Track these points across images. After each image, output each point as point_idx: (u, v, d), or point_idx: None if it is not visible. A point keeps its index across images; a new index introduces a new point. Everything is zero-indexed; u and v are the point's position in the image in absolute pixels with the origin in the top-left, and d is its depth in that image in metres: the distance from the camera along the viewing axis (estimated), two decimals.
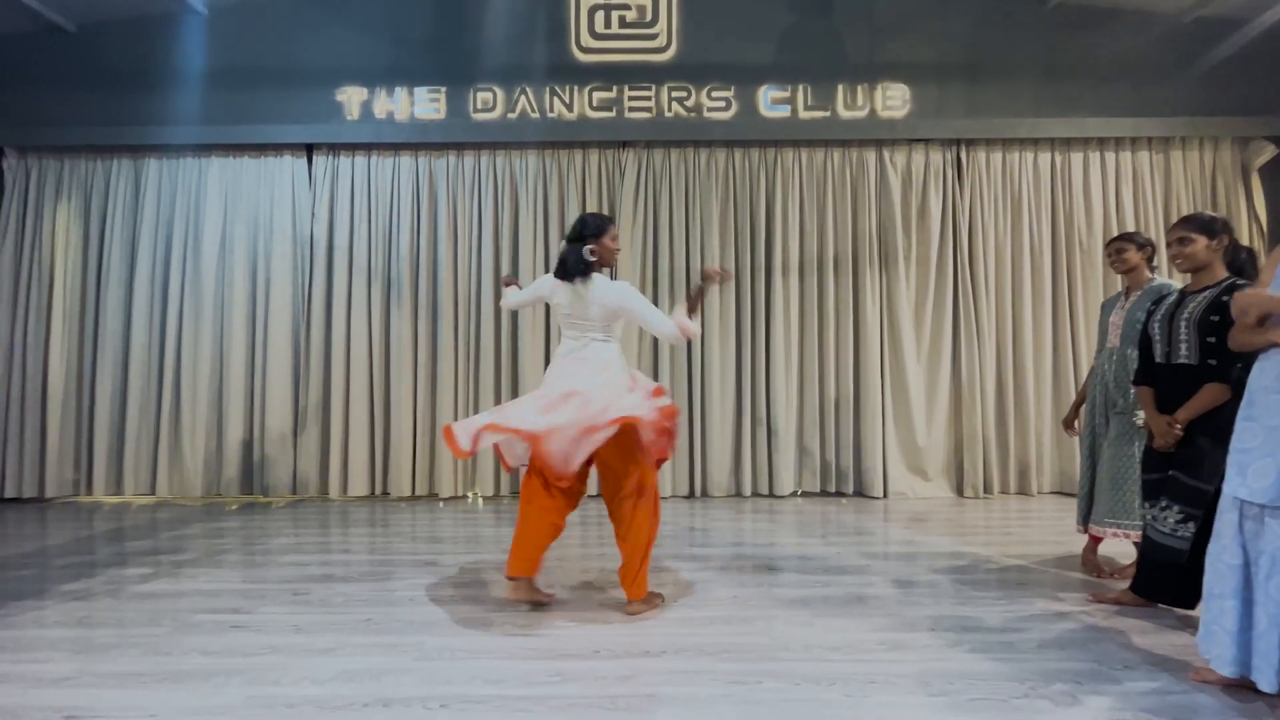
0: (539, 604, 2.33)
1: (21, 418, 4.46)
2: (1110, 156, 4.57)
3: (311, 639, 2.09)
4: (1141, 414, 2.43)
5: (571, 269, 2.30)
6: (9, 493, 4.43)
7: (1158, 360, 2.25)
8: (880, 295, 4.56)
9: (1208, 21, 4.51)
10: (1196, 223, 2.14)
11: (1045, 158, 4.59)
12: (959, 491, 4.50)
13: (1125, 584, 2.44)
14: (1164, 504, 2.14)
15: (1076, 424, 2.90)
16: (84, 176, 4.60)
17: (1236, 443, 1.62)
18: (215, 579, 2.75)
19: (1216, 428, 1.94)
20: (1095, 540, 2.76)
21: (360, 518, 3.99)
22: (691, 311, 2.31)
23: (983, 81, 4.59)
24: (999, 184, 4.59)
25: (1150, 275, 2.66)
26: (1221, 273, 2.13)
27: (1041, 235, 4.55)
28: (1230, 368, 1.99)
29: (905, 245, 4.56)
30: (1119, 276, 2.83)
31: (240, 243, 4.55)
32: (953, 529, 3.59)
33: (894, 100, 4.58)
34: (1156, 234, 4.42)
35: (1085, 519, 2.78)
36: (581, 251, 2.30)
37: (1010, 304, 4.55)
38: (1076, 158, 4.58)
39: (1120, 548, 2.77)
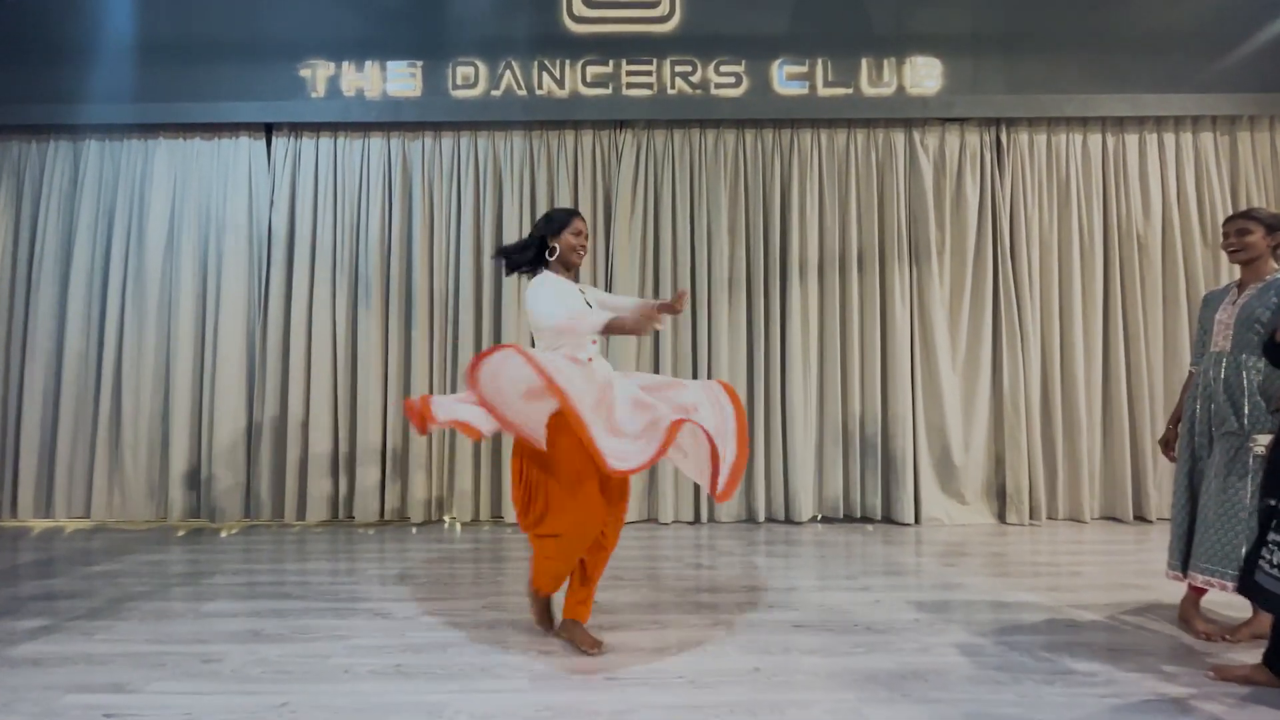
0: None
1: None
2: (1170, 138, 4.06)
3: None
4: (1263, 438, 1.94)
5: (509, 265, 2.15)
6: None
7: None
8: (910, 295, 4.04)
9: None
10: (1257, 216, 2.17)
11: (1096, 139, 4.07)
12: (1001, 518, 3.96)
13: (1245, 649, 1.92)
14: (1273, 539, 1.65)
15: (1176, 445, 2.38)
16: (15, 160, 4.10)
17: None
18: (113, 636, 2.23)
19: None
20: (1197, 592, 2.24)
21: (319, 549, 3.46)
22: (624, 330, 1.97)
23: (1025, 54, 4.08)
24: (1044, 168, 4.07)
25: (1277, 266, 2.15)
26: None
27: (1092, 226, 4.03)
28: None
29: (939, 238, 4.04)
30: (1232, 266, 2.32)
31: (189, 234, 4.04)
32: (1002, 566, 3.06)
33: (925, 75, 4.07)
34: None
35: (1183, 564, 2.26)
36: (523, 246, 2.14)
37: (1058, 304, 4.02)
38: (1132, 139, 4.06)
39: (1227, 598, 2.24)
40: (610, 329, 1.95)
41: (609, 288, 3.98)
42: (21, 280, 4.06)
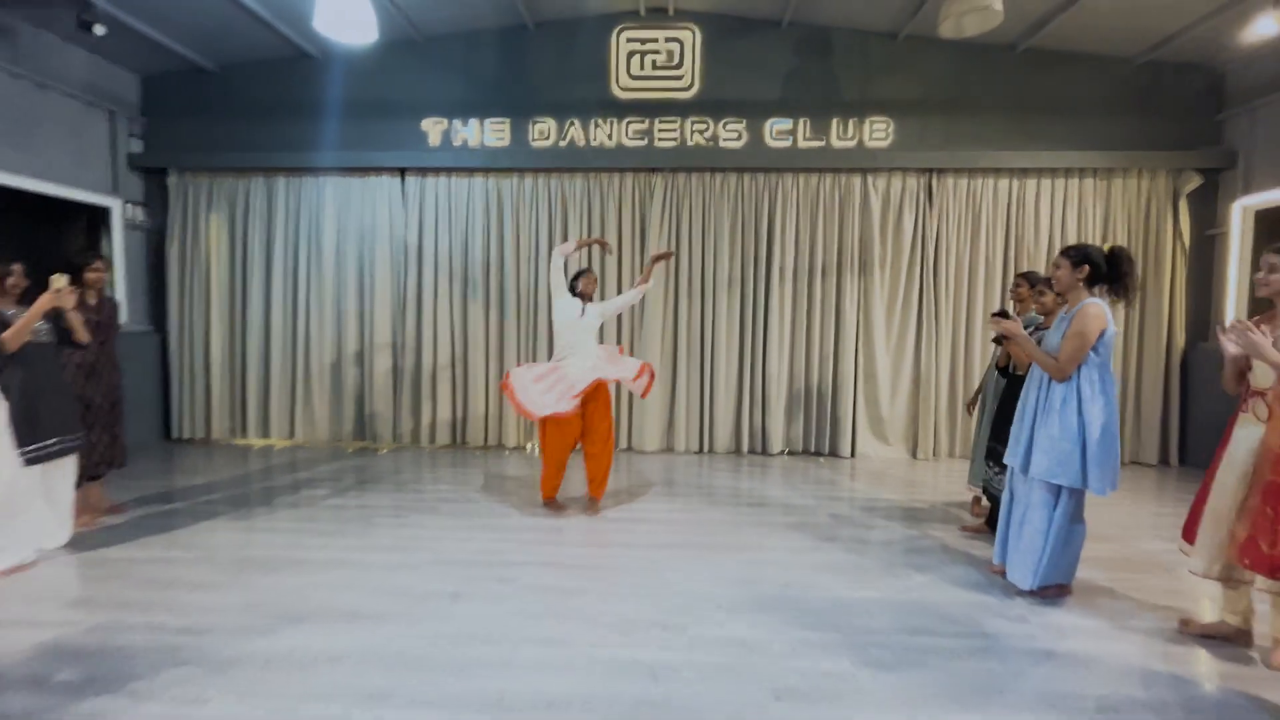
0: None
1: (190, 378, 5.91)
2: (1060, 184, 5.45)
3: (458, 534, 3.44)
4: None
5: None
6: (185, 434, 5.93)
7: None
8: (858, 296, 5.61)
9: (1155, 65, 5.28)
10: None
11: (1004, 184, 5.48)
12: (913, 454, 5.67)
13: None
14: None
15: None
16: (230, 192, 5.84)
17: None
18: (352, 502, 4.13)
19: None
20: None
21: (444, 460, 5.36)
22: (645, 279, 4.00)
23: (958, 116, 5.46)
24: (963, 206, 5.52)
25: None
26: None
27: (995, 251, 5.51)
28: None
29: (881, 256, 5.57)
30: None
31: (350, 245, 5.80)
32: (909, 484, 4.80)
33: (879, 132, 5.49)
34: None
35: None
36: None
37: (965, 307, 5.56)
38: (1031, 184, 5.47)
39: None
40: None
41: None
42: (238, 276, 5.89)
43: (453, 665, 2.15)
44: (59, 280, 2.99)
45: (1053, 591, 2.71)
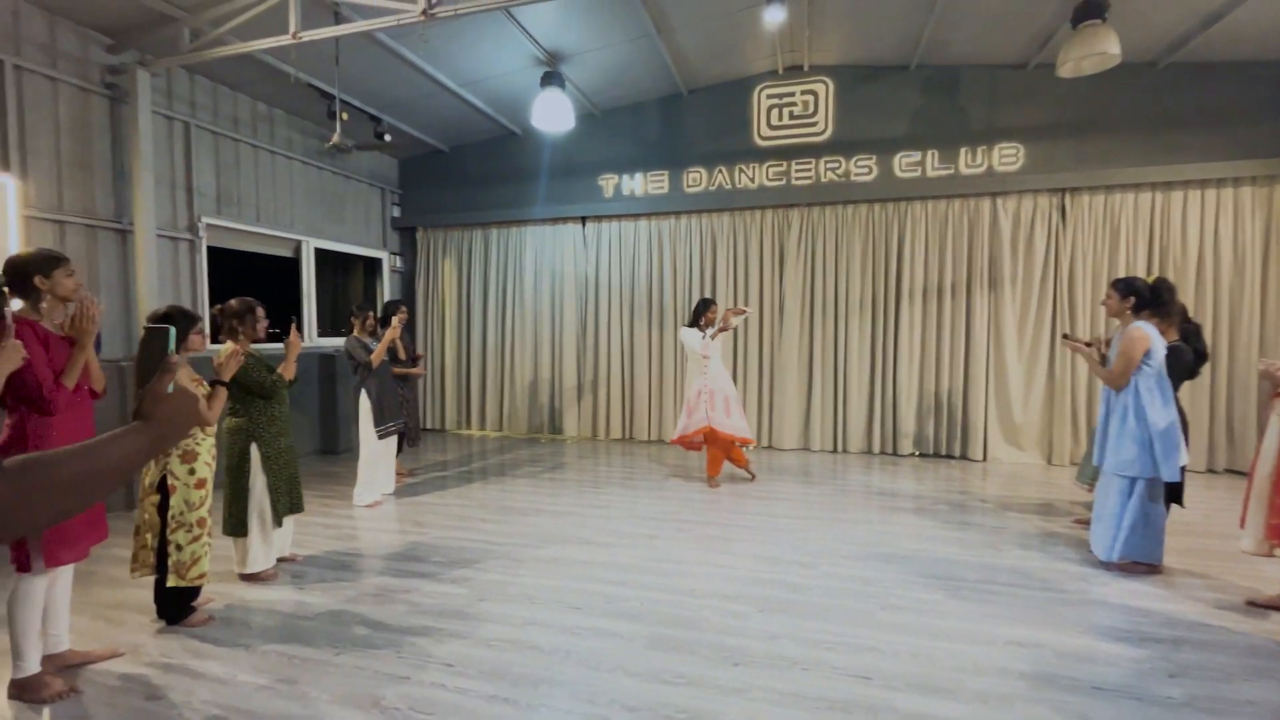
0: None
1: (430, 383, 7.84)
2: (1212, 195, 5.44)
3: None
4: None
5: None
6: (427, 425, 7.87)
7: None
8: (989, 311, 6.02)
9: None
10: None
11: (1146, 198, 5.60)
12: (1048, 460, 5.94)
13: None
14: None
15: None
16: (457, 242, 7.70)
17: None
18: (553, 470, 5.47)
19: None
20: None
21: (616, 449, 6.65)
22: (719, 331, 4.81)
23: (1091, 136, 5.69)
24: (1100, 222, 5.72)
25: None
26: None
27: (1137, 262, 5.63)
28: None
29: (1012, 273, 5.94)
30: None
31: (545, 280, 7.36)
32: (1043, 488, 5.22)
33: (1009, 157, 5.89)
34: (1254, 264, 5.31)
35: None
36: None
37: (1103, 317, 5.73)
38: (1176, 197, 5.52)
39: None
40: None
41: (781, 312, 6.54)
42: (464, 306, 7.72)
43: (658, 571, 3.28)
44: (400, 317, 4.70)
45: (1142, 569, 3.22)
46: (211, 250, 5.50)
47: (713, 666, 2.38)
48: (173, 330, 0.97)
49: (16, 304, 1.83)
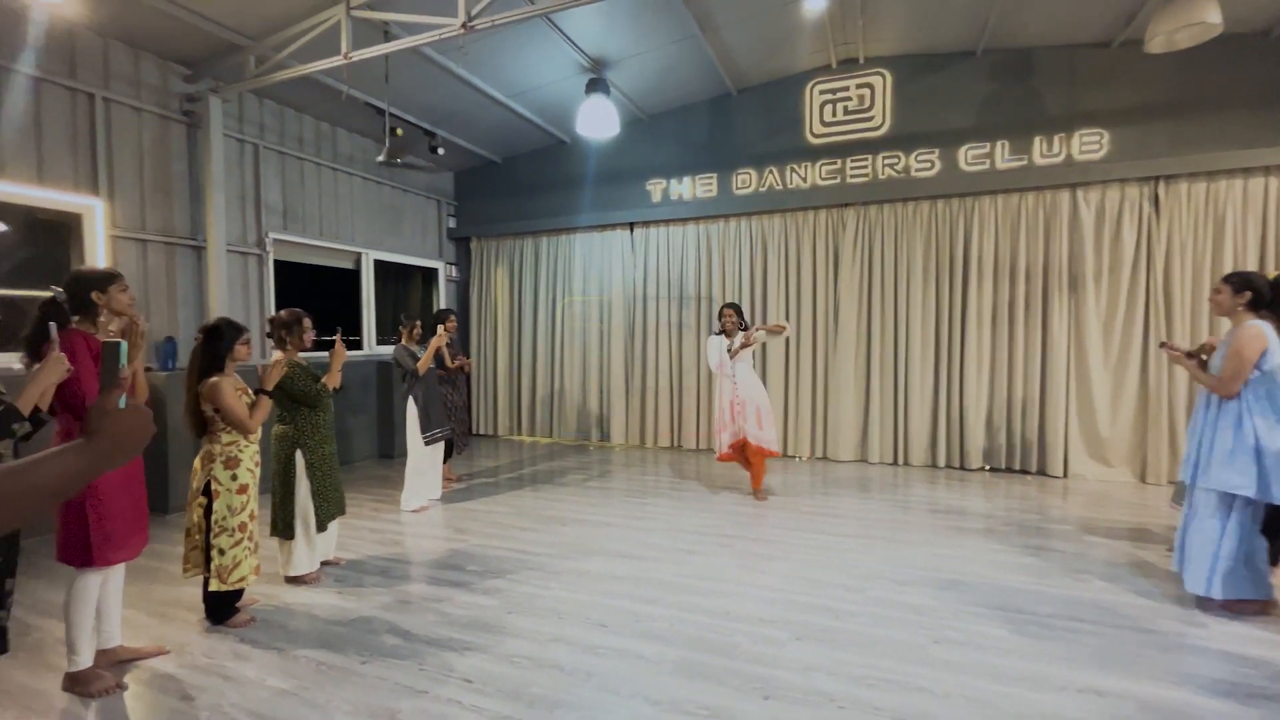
0: None
1: (484, 389, 7.98)
2: None
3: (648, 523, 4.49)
4: None
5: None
6: (480, 430, 8.01)
7: None
8: (1069, 313, 5.50)
9: None
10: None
11: (1257, 184, 4.96)
12: (1141, 478, 5.34)
13: None
14: None
15: None
16: (509, 250, 7.83)
17: None
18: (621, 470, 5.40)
19: None
20: None
21: (663, 457, 6.52)
22: (740, 348, 4.59)
23: (1188, 117, 5.10)
24: (1201, 210, 5.11)
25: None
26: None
27: (1247, 254, 4.99)
28: None
29: (1095, 271, 5.40)
30: None
31: (593, 286, 7.36)
32: (1136, 508, 4.71)
33: (1091, 144, 5.37)
34: None
35: None
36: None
37: (1206, 317, 5.10)
38: None
39: None
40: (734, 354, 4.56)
41: (836, 315, 6.24)
42: (516, 313, 7.83)
43: (692, 590, 3.14)
44: (449, 326, 4.79)
45: (1251, 608, 2.79)
46: (278, 263, 5.81)
47: (740, 698, 2.23)
48: (123, 345, 0.95)
49: (54, 326, 1.95)
